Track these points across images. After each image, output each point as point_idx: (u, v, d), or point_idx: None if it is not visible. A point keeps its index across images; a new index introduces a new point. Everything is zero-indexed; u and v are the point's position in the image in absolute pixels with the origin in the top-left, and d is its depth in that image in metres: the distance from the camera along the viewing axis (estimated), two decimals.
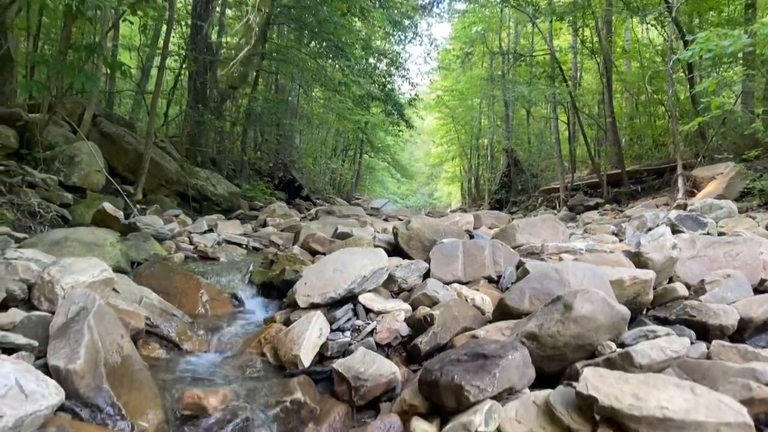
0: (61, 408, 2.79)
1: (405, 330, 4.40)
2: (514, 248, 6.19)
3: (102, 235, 6.24)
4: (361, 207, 19.36)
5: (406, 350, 4.30)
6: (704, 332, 4.22)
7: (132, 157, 12.79)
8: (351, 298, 4.67)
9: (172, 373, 3.73)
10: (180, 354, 4.15)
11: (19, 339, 3.18)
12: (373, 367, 3.76)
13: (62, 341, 3.14)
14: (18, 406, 2.46)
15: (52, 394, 2.66)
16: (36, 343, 3.25)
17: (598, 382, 3.10)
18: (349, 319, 4.40)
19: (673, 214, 8.33)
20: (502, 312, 4.39)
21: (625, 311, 3.76)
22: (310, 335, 4.06)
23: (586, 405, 3.14)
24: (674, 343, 3.50)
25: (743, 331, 4.29)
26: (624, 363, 3.41)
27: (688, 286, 4.84)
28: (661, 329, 3.82)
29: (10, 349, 3.16)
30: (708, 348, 3.94)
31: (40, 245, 5.53)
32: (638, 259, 5.13)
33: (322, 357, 4.10)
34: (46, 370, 2.94)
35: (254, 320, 5.00)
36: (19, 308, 3.76)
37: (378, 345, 4.26)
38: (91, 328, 3.20)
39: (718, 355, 3.83)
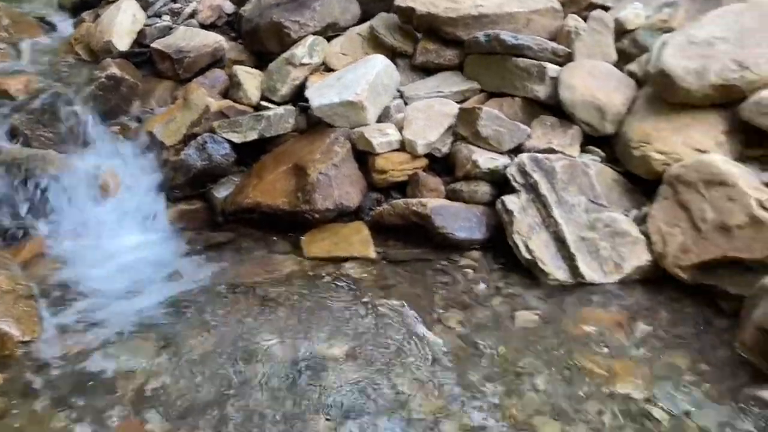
0: None
1: (229, 7, 4.08)
2: None
3: None
4: None
5: (233, 29, 4.04)
6: None
7: None
8: None
9: None
10: None
11: None
12: (195, 39, 3.52)
13: None
14: None
15: None
16: None
17: None
18: (165, 3, 4.01)
19: None
20: None
21: None
22: (122, 21, 3.69)
23: (406, 20, 3.11)
24: None
25: None
26: None
27: None
28: None
29: None
30: None
31: None
32: None
33: (142, 46, 3.79)
34: None
35: (69, 34, 4.50)
36: None
37: (202, 26, 3.97)
38: None
39: None
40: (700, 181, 2.10)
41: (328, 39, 3.26)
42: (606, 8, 2.94)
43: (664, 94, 2.37)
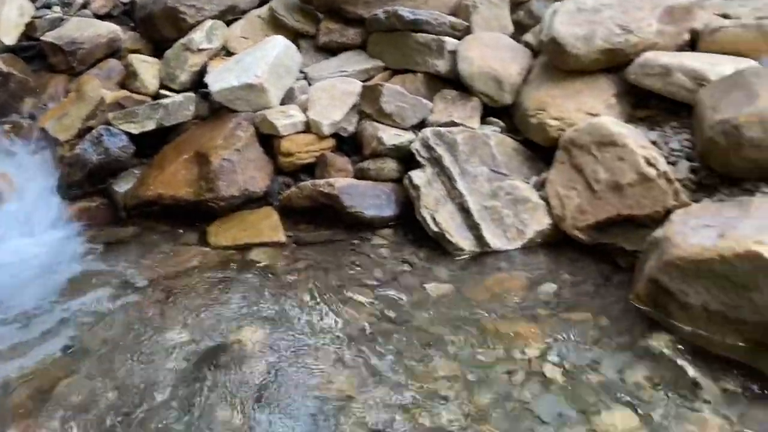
0: None
1: None
2: None
3: None
4: None
5: (131, 18, 3.88)
6: None
7: None
8: None
9: None
10: None
11: None
12: (89, 30, 3.36)
13: None
14: None
15: None
16: None
17: None
18: None
19: None
20: None
21: None
22: (7, 14, 3.48)
23: (306, 0, 3.06)
24: None
25: None
26: None
27: None
28: None
29: None
30: None
31: None
32: None
33: (31, 39, 3.58)
34: None
35: None
36: None
37: (97, 16, 3.78)
38: None
39: None
40: (593, 144, 2.16)
41: (228, 23, 3.18)
42: None
43: (556, 62, 2.42)
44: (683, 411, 1.59)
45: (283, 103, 2.77)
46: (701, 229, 1.76)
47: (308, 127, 2.65)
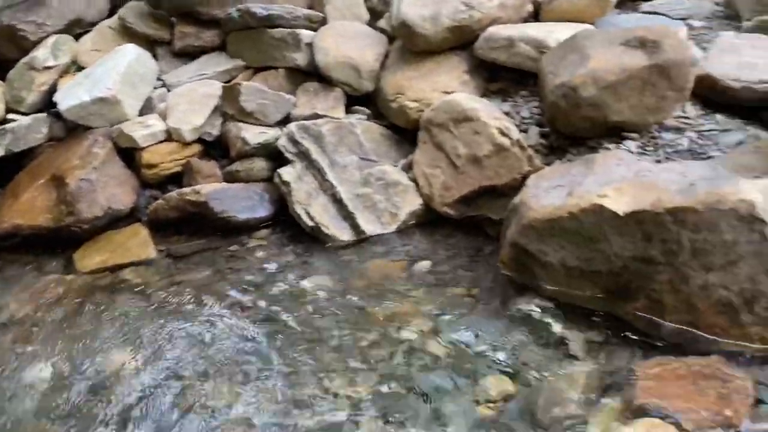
0: None
1: None
2: None
3: None
4: None
5: None
6: None
7: None
8: None
9: None
10: None
11: None
12: None
13: None
14: None
15: None
16: None
17: None
18: None
19: None
20: None
21: None
22: None
23: (155, 5, 2.95)
24: None
25: None
26: None
27: None
28: None
29: None
30: None
31: None
32: None
33: None
34: None
35: None
36: None
37: None
38: None
39: None
40: (449, 121, 2.20)
41: (77, 37, 3.01)
42: None
43: (408, 45, 2.45)
44: (554, 368, 1.65)
45: (142, 113, 2.66)
46: (553, 190, 1.83)
47: (170, 136, 2.55)
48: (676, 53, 1.86)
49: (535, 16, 2.49)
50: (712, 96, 1.96)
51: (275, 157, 2.47)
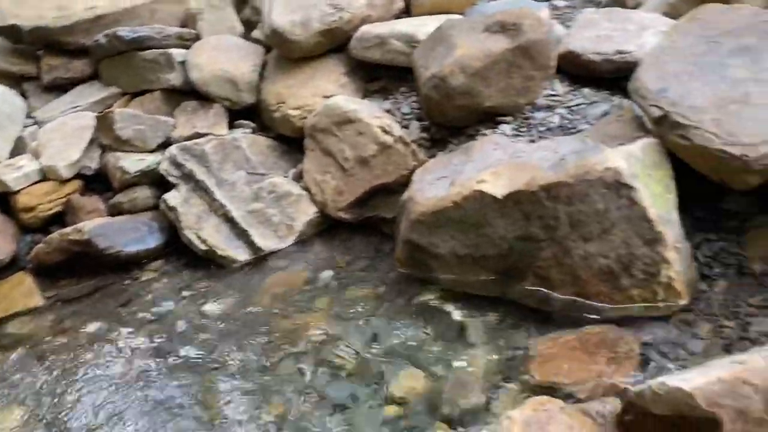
0: None
1: None
2: None
3: None
4: None
5: None
6: None
7: None
8: None
9: None
10: None
11: None
12: None
13: None
14: None
15: None
16: None
17: None
18: None
19: None
20: None
21: None
22: None
23: (16, 39, 2.78)
24: None
25: None
26: None
27: None
28: None
29: None
30: None
31: None
32: None
33: None
34: None
35: None
36: None
37: None
38: None
39: None
40: (332, 125, 2.17)
41: None
42: None
43: (283, 52, 2.41)
44: (457, 357, 1.65)
45: (13, 155, 2.50)
46: (437, 182, 1.83)
47: (45, 175, 2.40)
48: (536, 33, 1.90)
49: (408, 12, 2.50)
50: (577, 71, 2.01)
51: (159, 183, 2.38)
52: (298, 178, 2.32)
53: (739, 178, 1.45)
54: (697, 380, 1.07)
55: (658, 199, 1.50)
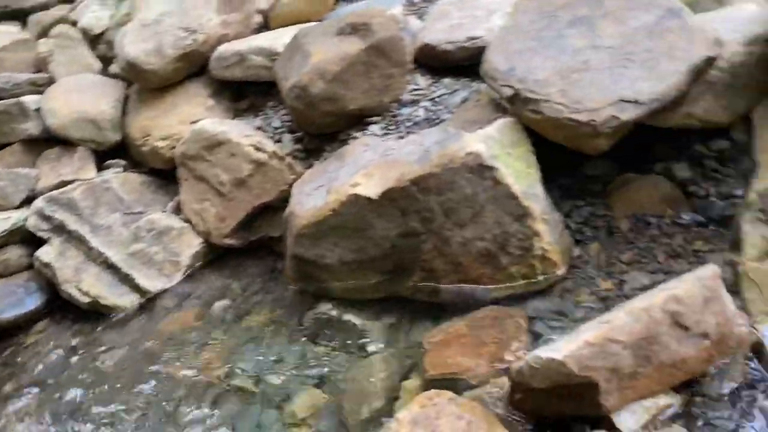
0: None
1: None
2: None
3: None
4: None
5: None
6: None
7: None
8: None
9: None
10: None
11: None
12: None
13: None
14: None
15: None
16: None
17: None
18: None
19: None
20: None
21: None
22: None
23: None
24: None
25: None
26: None
27: None
28: None
29: None
30: None
31: None
32: None
33: None
34: None
35: None
36: None
37: None
38: None
39: None
40: (203, 150, 2.10)
41: None
42: (75, 22, 2.77)
43: (140, 83, 2.32)
44: (357, 365, 1.63)
45: None
46: (314, 192, 1.80)
47: None
48: (386, 31, 1.90)
49: (267, 26, 2.46)
50: (436, 63, 2.03)
51: (30, 240, 2.22)
52: (177, 210, 2.23)
53: (590, 143, 1.49)
54: (567, 347, 1.08)
55: (520, 175, 1.52)
